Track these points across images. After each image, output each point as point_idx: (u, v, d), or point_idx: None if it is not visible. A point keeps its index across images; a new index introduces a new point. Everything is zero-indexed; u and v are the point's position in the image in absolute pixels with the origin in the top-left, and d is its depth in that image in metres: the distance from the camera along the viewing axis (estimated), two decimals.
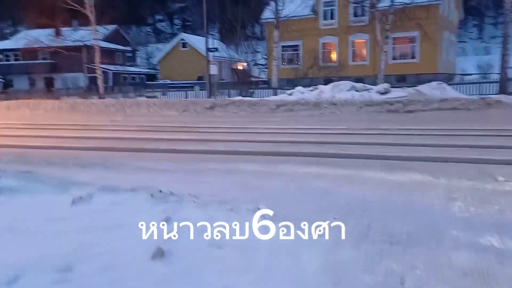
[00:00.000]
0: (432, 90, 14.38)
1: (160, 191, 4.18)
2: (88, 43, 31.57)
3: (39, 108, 17.16)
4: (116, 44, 45.18)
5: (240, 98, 16.41)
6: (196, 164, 6.44)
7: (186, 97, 22.11)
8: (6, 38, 46.70)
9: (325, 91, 15.32)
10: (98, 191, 4.16)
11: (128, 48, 48.24)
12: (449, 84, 16.03)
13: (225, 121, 12.83)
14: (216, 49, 20.97)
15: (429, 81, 17.26)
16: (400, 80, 25.45)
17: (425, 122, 10.92)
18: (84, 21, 27.28)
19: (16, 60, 39.01)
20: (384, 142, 8.05)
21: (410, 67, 27.36)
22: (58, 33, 34.47)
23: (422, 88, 14.62)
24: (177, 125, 12.01)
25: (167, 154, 7.59)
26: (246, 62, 27.52)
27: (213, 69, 19.35)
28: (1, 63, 40.91)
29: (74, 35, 33.75)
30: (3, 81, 39.18)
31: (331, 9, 29.84)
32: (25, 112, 16.71)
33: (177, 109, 15.33)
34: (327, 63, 29.30)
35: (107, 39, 42.81)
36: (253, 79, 25.52)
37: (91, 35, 25.58)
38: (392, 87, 17.09)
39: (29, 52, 32.45)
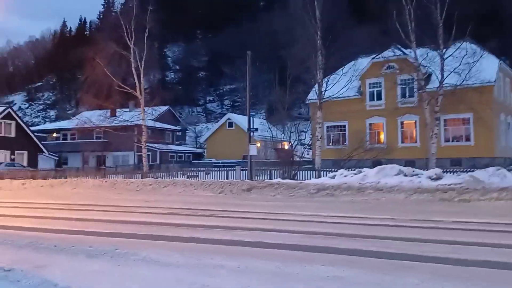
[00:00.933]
0: (490, 176, 13.00)
1: None
2: (138, 123, 32.82)
3: (81, 186, 17.32)
4: (167, 123, 47.02)
5: (278, 180, 15.74)
6: (208, 258, 5.64)
7: (227, 177, 21.73)
8: (68, 118, 50.06)
9: (370, 175, 14.32)
10: None
11: (177, 128, 49.97)
12: (509, 170, 14.55)
13: (259, 205, 12.06)
14: (256, 129, 20.85)
15: (486, 165, 15.86)
16: (455, 164, 23.89)
17: (483, 214, 9.58)
18: (139, 102, 28.45)
19: (72, 139, 41.25)
20: (435, 239, 6.90)
21: (464, 150, 25.82)
22: (113, 114, 36.31)
23: (479, 174, 13.27)
24: (208, 208, 11.37)
25: (183, 244, 6.87)
26: (290, 142, 27.25)
27: (253, 150, 19.05)
28: (58, 141, 43.38)
29: (127, 115, 35.37)
30: (57, 158, 41.21)
31: (378, 90, 29.56)
32: (66, 190, 16.87)
33: (213, 189, 14.83)
34: (374, 144, 28.40)
35: (159, 118, 44.71)
36: (296, 159, 24.95)
37: (147, 115, 26.75)
38: (445, 171, 15.80)
39: (84, 132, 34.14)
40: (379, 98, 29.49)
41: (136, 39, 25.46)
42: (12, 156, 31.45)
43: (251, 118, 20.76)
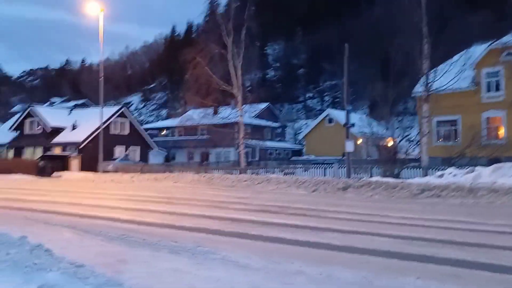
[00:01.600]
0: None
1: None
2: (238, 120, 33.51)
3: (181, 180, 18.06)
4: (267, 120, 47.48)
5: (377, 179, 14.69)
6: (289, 263, 5.23)
7: (324, 175, 21.08)
8: (177, 117, 53.27)
9: (484, 175, 12.65)
10: None
11: (276, 125, 50.20)
12: None
13: (354, 205, 11.31)
14: (353, 125, 19.81)
15: None
16: None
17: None
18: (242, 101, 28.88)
19: (179, 135, 43.74)
20: None
21: None
22: (215, 112, 37.63)
23: None
24: (300, 207, 10.95)
25: (267, 244, 6.55)
26: (393, 138, 25.57)
27: (350, 146, 18.12)
28: (166, 138, 46.29)
29: (228, 113, 36.37)
30: (166, 154, 43.98)
31: (496, 80, 26.39)
32: (167, 184, 17.71)
33: (306, 187, 14.37)
34: (491, 140, 25.39)
35: (258, 116, 45.39)
36: (400, 157, 23.32)
37: (246, 113, 27.28)
38: None
39: (189, 129, 35.92)
40: (497, 89, 26.30)
41: (234, 38, 25.96)
42: (126, 152, 34.25)
43: (349, 113, 19.79)
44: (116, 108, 34.64)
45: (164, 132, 48.41)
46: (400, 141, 25.08)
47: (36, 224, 8.32)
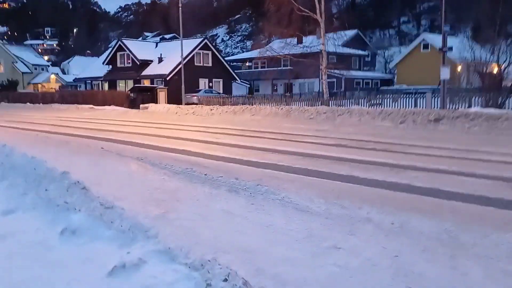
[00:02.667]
0: None
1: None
2: (321, 49, 31.69)
3: (259, 113, 17.60)
4: (355, 48, 44.59)
5: (476, 109, 12.85)
6: (356, 207, 4.51)
7: (415, 105, 19.22)
8: (261, 48, 52.15)
9: None
10: (154, 254, 2.85)
11: (365, 53, 46.98)
12: None
13: (446, 139, 9.97)
14: (450, 49, 17.36)
15: None
16: None
17: None
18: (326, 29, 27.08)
19: (262, 67, 42.92)
20: None
21: None
22: (300, 41, 35.93)
23: None
24: (382, 141, 9.91)
25: (336, 184, 5.84)
26: (499, 64, 22.34)
27: (445, 73, 16.00)
28: (250, 70, 45.80)
29: (311, 42, 34.53)
30: (249, 86, 43.70)
31: None
32: (245, 117, 17.38)
33: (392, 119, 13.07)
34: None
35: (346, 44, 42.67)
36: (506, 84, 20.40)
37: (331, 40, 25.59)
38: None
39: (272, 60, 34.86)
40: None
41: None
42: (210, 84, 34.52)
43: (446, 34, 17.34)
44: (198, 40, 34.53)
45: (247, 63, 47.90)
46: (507, 67, 21.88)
47: (108, 155, 8.40)
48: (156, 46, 36.27)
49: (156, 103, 28.52)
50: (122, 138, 11.18)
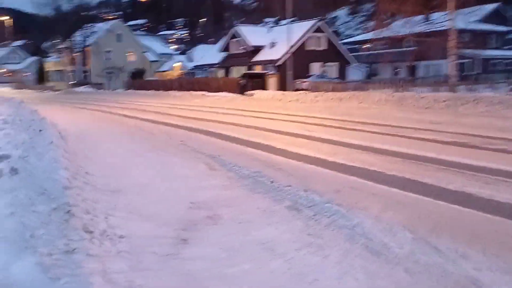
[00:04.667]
0: None
1: None
2: (456, 27, 27.88)
3: (367, 100, 15.76)
4: (493, 24, 38.73)
5: None
6: (460, 254, 3.00)
7: None
8: (384, 28, 48.43)
9: None
10: None
11: (506, 29, 40.52)
12: None
13: None
14: None
15: None
16: None
17: None
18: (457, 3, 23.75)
19: (382, 49, 39.65)
20: None
21: None
22: (425, 18, 32.26)
23: None
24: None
25: (441, 205, 4.32)
26: None
27: None
28: (369, 52, 42.74)
29: (440, 19, 30.66)
30: (367, 70, 40.85)
31: None
32: (350, 105, 15.70)
33: None
34: None
35: (483, 19, 37.32)
36: None
37: (463, 16, 22.36)
38: None
39: (395, 41, 31.88)
40: None
41: None
42: (323, 68, 32.90)
43: None
44: (312, 22, 32.98)
45: (366, 46, 44.83)
46: None
47: (182, 151, 7.80)
48: (269, 31, 35.69)
49: (266, 89, 28.06)
50: (212, 129, 10.59)
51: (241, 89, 28.08)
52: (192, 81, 35.48)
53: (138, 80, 45.56)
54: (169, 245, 3.45)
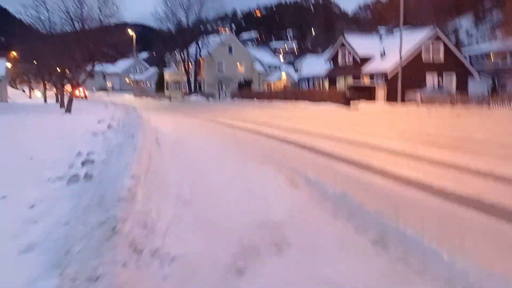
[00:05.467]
0: None
1: None
2: None
3: (490, 117, 13.72)
4: None
5: None
6: None
7: None
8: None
9: None
10: None
11: None
12: None
13: None
14: None
15: None
16: None
17: None
18: None
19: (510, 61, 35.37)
20: None
21: None
22: None
23: None
24: None
25: None
26: None
27: None
28: (495, 62, 38.28)
29: None
30: (491, 82, 36.62)
31: None
32: (471, 120, 13.80)
33: None
34: None
35: None
36: None
37: None
38: None
39: None
40: None
41: None
42: (439, 79, 30.20)
43: None
44: (427, 30, 30.52)
45: (491, 56, 40.45)
46: None
47: (269, 163, 7.31)
48: (380, 40, 33.98)
49: (373, 101, 26.62)
50: (307, 142, 9.96)
51: (346, 101, 27.01)
52: (296, 92, 35.28)
53: (244, 90, 46.82)
54: (221, 275, 2.96)
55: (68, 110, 18.97)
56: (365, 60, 32.21)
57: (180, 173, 6.23)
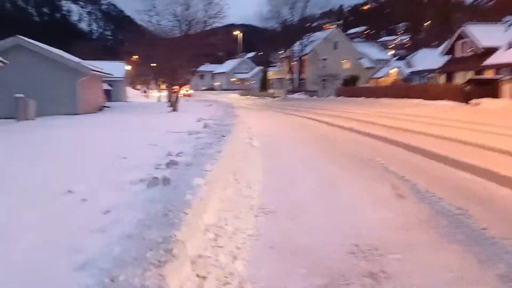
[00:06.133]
0: None
1: None
2: None
3: None
4: None
5: None
6: None
7: None
8: None
9: None
10: None
11: None
12: None
13: None
14: None
15: None
16: None
17: None
18: None
19: None
20: None
21: None
22: None
23: None
24: None
25: None
26: None
27: None
28: None
29: None
30: None
31: None
32: None
33: None
34: None
35: None
36: None
37: None
38: None
39: None
40: None
41: None
42: None
43: None
44: None
45: None
46: None
47: (369, 169, 6.50)
48: (507, 29, 30.01)
49: (497, 97, 23.54)
50: (415, 144, 8.80)
51: (465, 97, 24.25)
52: (407, 88, 32.79)
53: (350, 86, 45.04)
54: None
55: (174, 109, 19.76)
56: (487, 52, 28.71)
57: (265, 179, 5.74)
